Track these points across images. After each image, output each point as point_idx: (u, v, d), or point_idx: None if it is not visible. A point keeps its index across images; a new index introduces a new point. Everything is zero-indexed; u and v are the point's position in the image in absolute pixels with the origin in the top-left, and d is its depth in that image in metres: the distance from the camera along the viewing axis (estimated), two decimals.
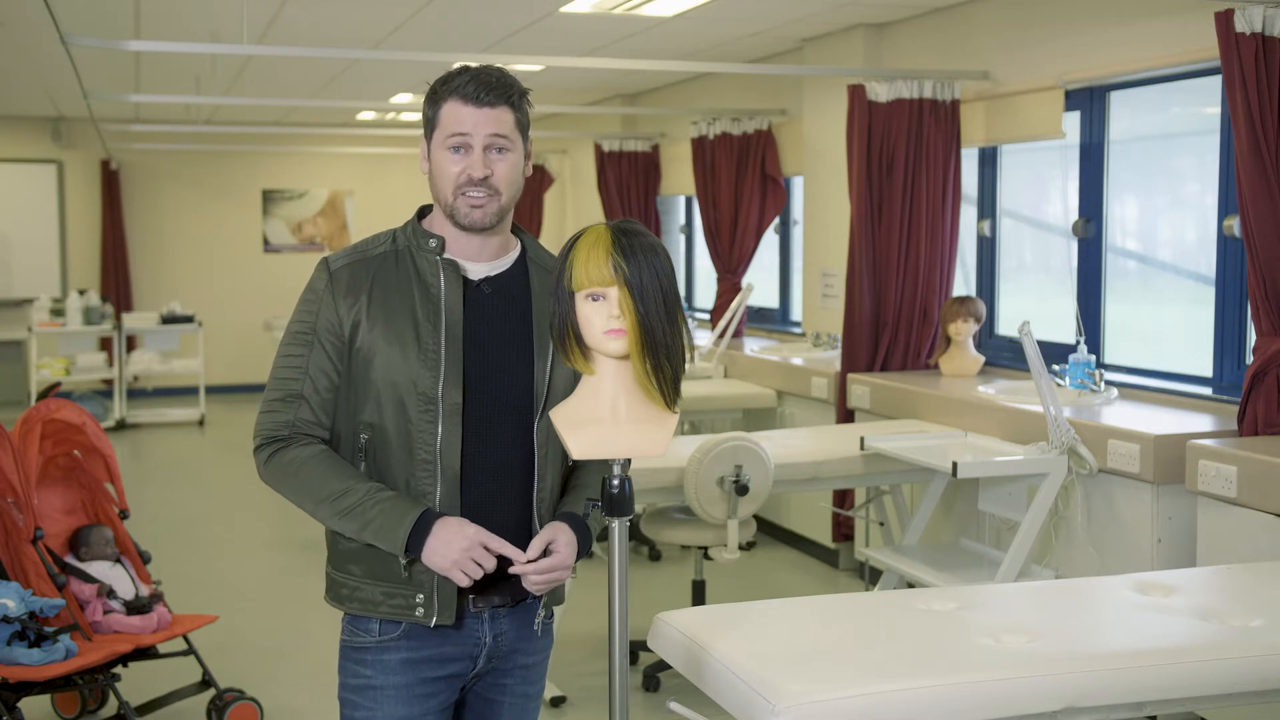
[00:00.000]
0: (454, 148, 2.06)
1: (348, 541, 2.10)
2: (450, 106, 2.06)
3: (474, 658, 2.14)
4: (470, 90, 2.04)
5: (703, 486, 4.10)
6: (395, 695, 2.10)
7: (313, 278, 2.12)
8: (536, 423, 2.11)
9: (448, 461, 2.05)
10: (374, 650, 2.10)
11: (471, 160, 2.05)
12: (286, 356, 2.10)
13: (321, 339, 2.08)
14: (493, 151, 2.06)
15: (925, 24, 5.85)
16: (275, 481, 2.11)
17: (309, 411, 2.09)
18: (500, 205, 2.08)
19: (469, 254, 2.12)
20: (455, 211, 2.07)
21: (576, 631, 4.82)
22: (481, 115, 2.04)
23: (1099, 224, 5.04)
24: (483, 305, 2.10)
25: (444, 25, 6.27)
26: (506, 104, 2.06)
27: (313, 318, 2.09)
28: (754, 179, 7.15)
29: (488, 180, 2.05)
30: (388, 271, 2.09)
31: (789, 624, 2.52)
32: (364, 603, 2.09)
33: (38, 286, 11.36)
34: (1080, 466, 3.97)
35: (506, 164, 2.07)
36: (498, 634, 2.14)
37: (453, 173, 2.06)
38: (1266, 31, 3.78)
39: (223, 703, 4.03)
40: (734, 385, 6.50)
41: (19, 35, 6.80)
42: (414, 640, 2.10)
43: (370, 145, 12.16)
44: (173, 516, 7.17)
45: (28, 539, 3.76)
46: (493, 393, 2.09)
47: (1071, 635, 2.49)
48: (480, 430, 2.08)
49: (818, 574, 5.96)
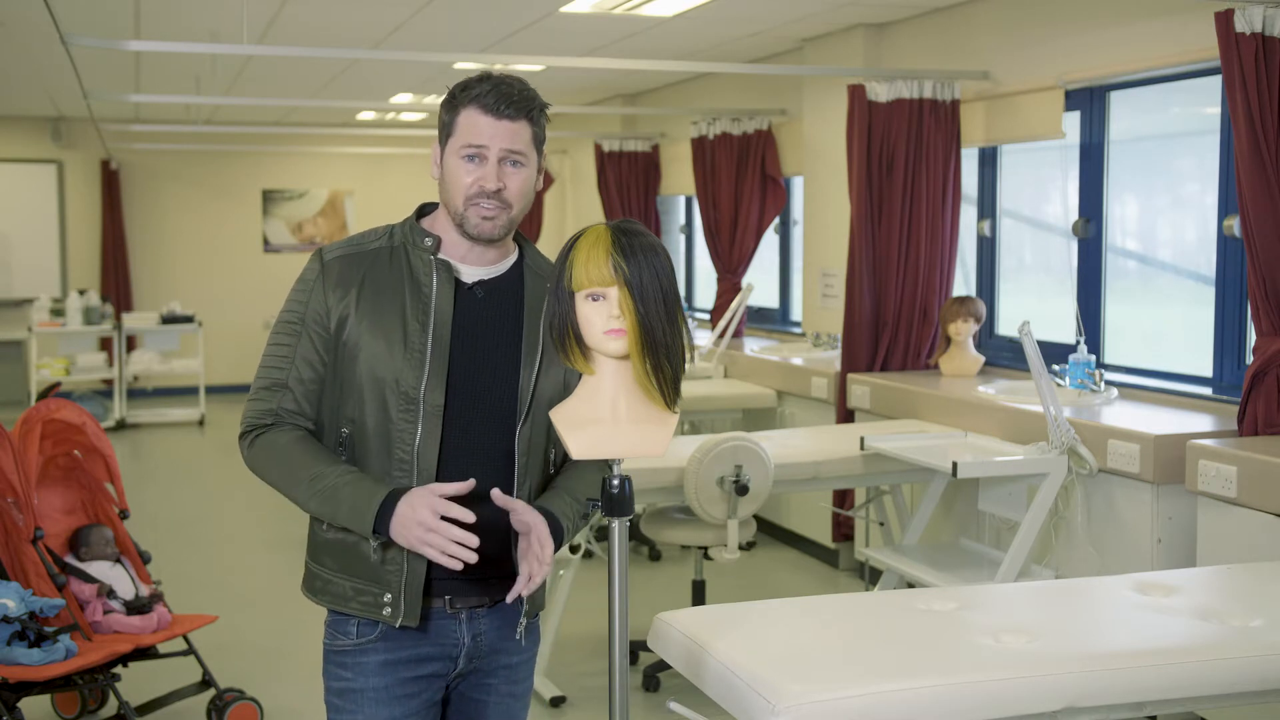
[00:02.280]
0: (469, 157, 2.04)
1: (324, 533, 2.11)
2: (468, 115, 2.03)
3: (453, 658, 2.13)
4: (490, 101, 2.02)
5: (703, 486, 4.10)
6: (376, 697, 2.09)
7: (306, 266, 2.11)
8: (519, 429, 2.10)
9: (424, 463, 2.04)
10: (353, 653, 2.10)
11: (486, 171, 2.03)
12: (275, 345, 2.10)
13: (309, 329, 2.07)
14: (507, 164, 2.04)
15: (925, 24, 5.85)
16: (258, 466, 2.10)
17: (293, 401, 2.08)
18: (510, 218, 2.06)
19: (464, 257, 2.11)
20: (465, 221, 2.05)
21: (576, 631, 4.82)
22: (500, 127, 2.02)
23: (1099, 224, 5.04)
24: (474, 308, 2.10)
25: (444, 25, 6.27)
26: (526, 118, 2.04)
27: (302, 307, 2.09)
28: (754, 179, 7.15)
29: (500, 193, 2.03)
30: (381, 267, 2.08)
31: (789, 624, 2.51)
32: (335, 597, 2.10)
33: (38, 286, 11.36)
34: (1080, 466, 3.97)
35: (520, 178, 2.05)
36: (476, 634, 2.13)
37: (465, 182, 2.04)
38: (1266, 31, 3.78)
39: (223, 703, 4.03)
40: (734, 385, 6.50)
41: (19, 35, 6.80)
42: (391, 641, 2.09)
43: (370, 145, 12.16)
44: (173, 516, 7.17)
45: (28, 539, 3.76)
46: (476, 396, 2.08)
47: (1071, 635, 2.48)
48: (460, 433, 2.07)
49: (818, 574, 5.96)
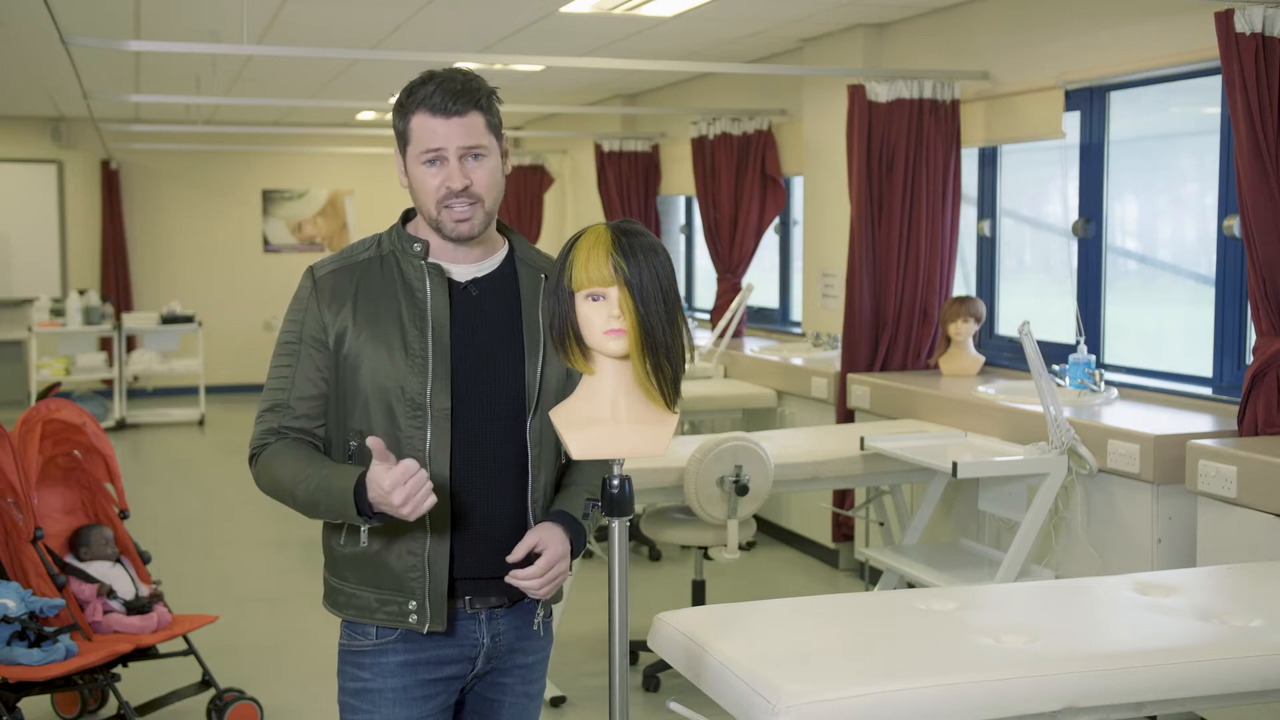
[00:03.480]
0: (429, 161, 2.03)
1: (343, 547, 2.10)
2: (419, 120, 2.03)
3: (472, 659, 2.14)
4: (437, 101, 2.01)
5: (703, 486, 4.10)
6: (394, 698, 2.09)
7: (299, 285, 2.12)
8: (530, 422, 2.10)
9: (436, 467, 2.04)
10: (372, 653, 2.10)
11: (449, 171, 2.02)
12: (276, 368, 2.11)
13: (308, 347, 2.08)
14: (469, 160, 2.03)
15: (925, 24, 5.85)
16: (265, 487, 2.10)
17: (294, 418, 2.08)
18: (485, 212, 2.06)
19: (454, 257, 2.11)
20: (441, 225, 2.06)
21: (576, 631, 4.82)
22: (451, 126, 2.01)
23: (1099, 224, 5.04)
24: (470, 307, 2.10)
25: (444, 25, 6.27)
26: (475, 108, 2.03)
27: (298, 326, 2.09)
28: (754, 179, 7.15)
29: (468, 189, 2.03)
30: (373, 277, 2.08)
31: (789, 624, 2.52)
32: (360, 610, 2.09)
33: (38, 286, 11.36)
34: (1080, 466, 3.97)
35: (484, 170, 2.05)
36: (495, 634, 2.14)
37: (432, 186, 2.04)
38: (1266, 31, 3.78)
39: (223, 703, 4.03)
40: (734, 385, 6.50)
41: (19, 35, 6.80)
42: (411, 643, 2.09)
43: (370, 145, 12.15)
44: (173, 516, 7.17)
45: (28, 539, 3.76)
46: (483, 395, 2.08)
47: (1071, 635, 2.48)
48: (470, 433, 2.07)
49: (818, 574, 5.96)
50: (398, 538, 2.05)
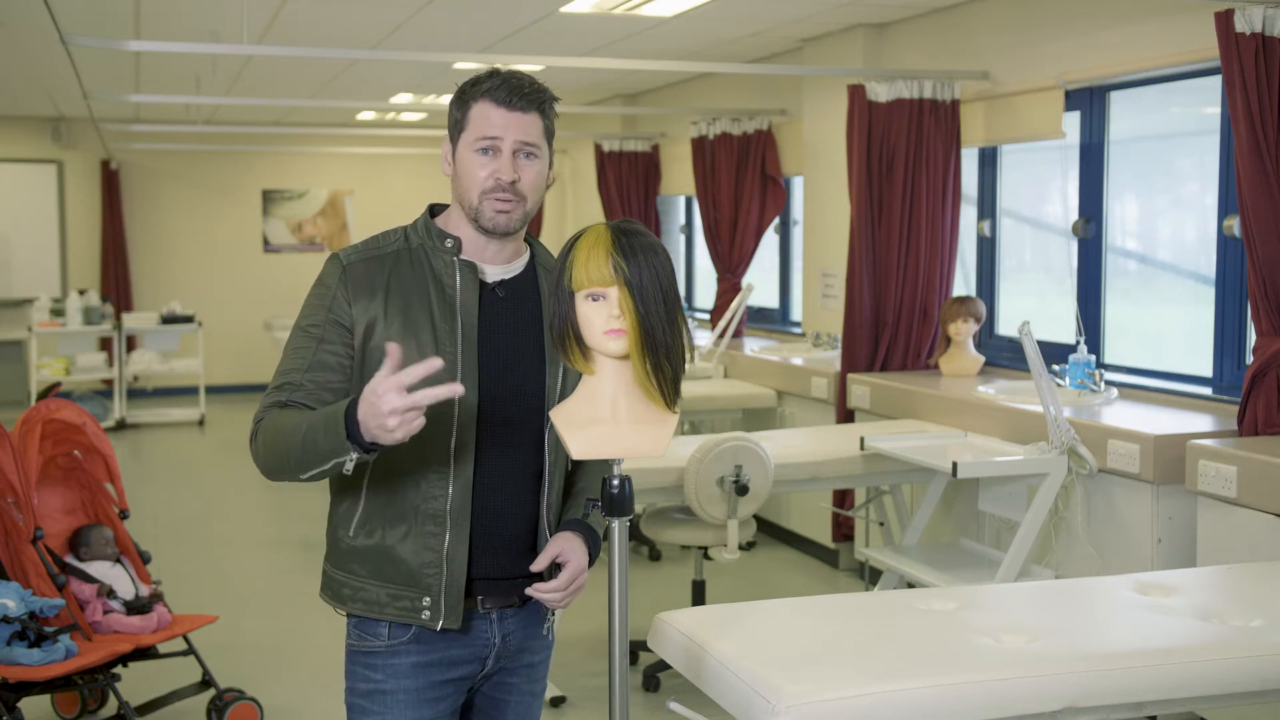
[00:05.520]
0: (483, 150, 2.04)
1: (350, 540, 2.08)
2: (480, 108, 2.04)
3: (483, 659, 2.14)
4: (502, 94, 2.03)
5: (703, 486, 4.10)
6: (406, 699, 2.08)
7: (324, 271, 2.08)
8: (549, 427, 2.09)
9: (461, 465, 2.03)
10: (383, 654, 2.08)
11: (500, 164, 2.03)
12: (293, 350, 2.06)
13: (331, 330, 2.04)
14: (521, 156, 2.05)
15: (925, 24, 5.85)
16: (263, 458, 2.01)
17: (304, 395, 2.01)
18: (525, 210, 2.06)
19: (485, 256, 2.10)
20: (480, 215, 2.05)
21: (576, 631, 4.82)
22: (512, 119, 2.03)
23: (1099, 224, 5.04)
24: (498, 308, 2.09)
25: (444, 25, 6.27)
26: (537, 110, 2.05)
27: (324, 311, 2.05)
28: (754, 179, 7.15)
29: (515, 185, 2.04)
30: (403, 270, 2.07)
31: (789, 624, 2.52)
32: (368, 604, 2.07)
33: (38, 286, 11.36)
34: (1080, 466, 3.97)
35: (533, 170, 2.06)
36: (505, 634, 2.14)
37: (480, 175, 2.04)
38: (1266, 31, 3.78)
39: (223, 703, 4.03)
40: (734, 385, 6.50)
41: (19, 35, 6.80)
42: (424, 644, 2.08)
43: (370, 145, 12.16)
44: (173, 516, 7.17)
45: (28, 539, 3.76)
46: (505, 394, 2.07)
47: (1071, 635, 2.48)
48: (492, 433, 2.06)
49: (818, 574, 5.96)
50: (412, 532, 2.04)
